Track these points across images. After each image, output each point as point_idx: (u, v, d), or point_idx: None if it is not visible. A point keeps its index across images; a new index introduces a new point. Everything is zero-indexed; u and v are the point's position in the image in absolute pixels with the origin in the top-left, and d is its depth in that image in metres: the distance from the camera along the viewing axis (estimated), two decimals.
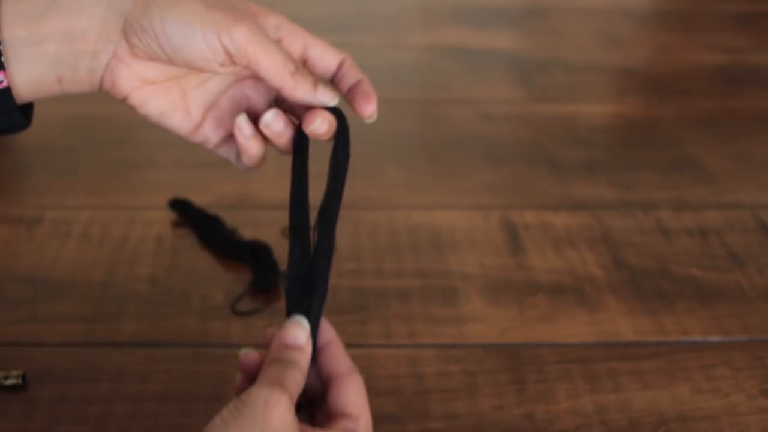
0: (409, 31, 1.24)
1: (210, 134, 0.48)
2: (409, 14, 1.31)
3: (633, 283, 0.69)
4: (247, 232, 0.72)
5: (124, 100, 0.45)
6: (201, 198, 0.76)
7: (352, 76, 0.46)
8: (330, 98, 0.45)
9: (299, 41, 0.46)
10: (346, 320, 0.63)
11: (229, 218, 0.73)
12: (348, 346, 0.60)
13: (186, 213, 0.74)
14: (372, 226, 0.74)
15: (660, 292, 0.68)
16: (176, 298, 0.65)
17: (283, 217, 0.75)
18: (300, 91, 0.43)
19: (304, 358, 0.43)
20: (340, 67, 0.47)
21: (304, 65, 0.47)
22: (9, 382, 0.55)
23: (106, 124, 0.93)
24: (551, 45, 1.21)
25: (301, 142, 0.46)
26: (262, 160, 0.48)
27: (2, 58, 0.41)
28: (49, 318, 0.62)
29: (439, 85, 1.05)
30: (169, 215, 0.75)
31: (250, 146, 0.46)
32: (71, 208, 0.76)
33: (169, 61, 0.43)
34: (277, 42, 0.46)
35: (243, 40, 0.41)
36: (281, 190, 0.80)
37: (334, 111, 0.45)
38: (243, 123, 0.45)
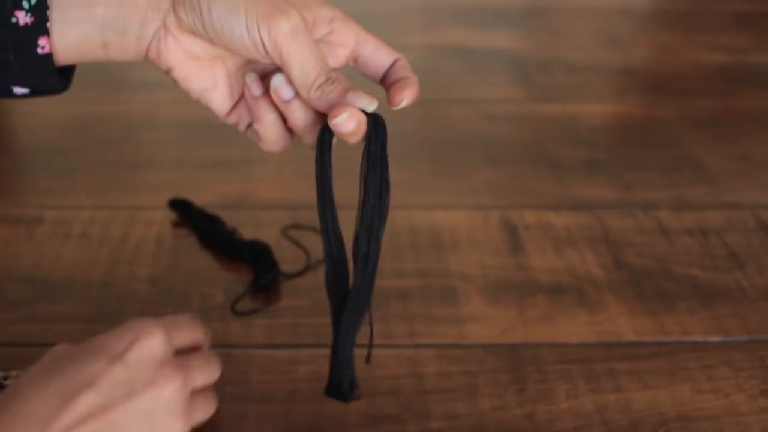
0: (409, 31, 1.24)
1: (244, 115, 0.47)
2: (409, 14, 1.31)
3: (633, 283, 0.68)
4: (247, 232, 0.72)
5: (167, 72, 0.45)
6: (201, 198, 0.76)
7: (400, 75, 0.45)
8: (366, 103, 0.42)
9: (351, 36, 0.45)
10: None
11: (229, 218, 0.73)
12: None
13: (186, 213, 0.74)
14: None
15: (660, 292, 0.68)
16: (176, 298, 0.65)
17: (283, 217, 0.75)
18: (326, 102, 0.41)
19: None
20: (392, 66, 0.45)
21: (355, 62, 0.46)
22: (9, 382, 0.55)
23: (106, 124, 0.93)
24: (551, 45, 1.21)
25: (323, 139, 0.42)
26: (281, 137, 0.45)
27: (47, 24, 0.41)
28: (49, 318, 0.62)
29: (440, 85, 1.05)
30: (169, 215, 0.75)
31: (259, 109, 0.44)
32: (71, 208, 0.76)
33: (212, 42, 0.42)
34: (329, 34, 0.45)
35: (280, 37, 0.40)
36: (281, 190, 0.81)
37: (372, 116, 0.42)
38: (251, 81, 0.44)
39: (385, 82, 0.45)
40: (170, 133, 0.91)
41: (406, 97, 0.44)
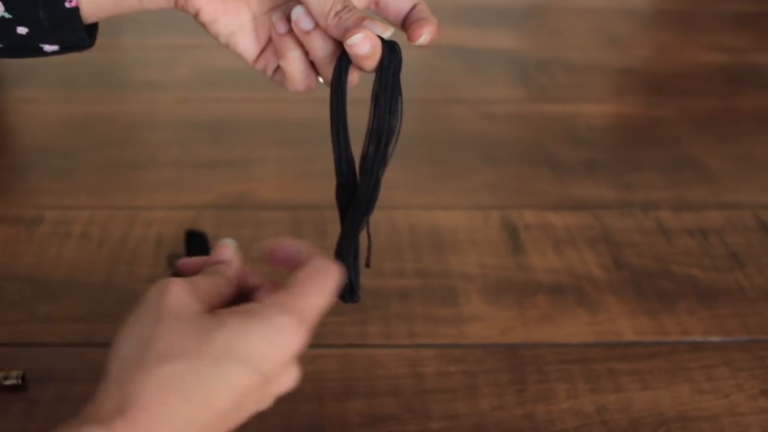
0: None
1: (271, 60, 0.48)
2: None
3: (633, 283, 0.68)
4: (247, 232, 0.72)
5: (196, 17, 0.45)
6: (201, 198, 0.76)
7: (420, 16, 0.46)
8: (381, 29, 0.42)
9: None
10: (346, 320, 0.63)
11: (229, 218, 0.73)
12: (348, 346, 0.61)
13: (192, 247, 0.70)
14: (372, 226, 0.74)
15: (660, 292, 0.68)
16: None
17: (284, 217, 0.75)
18: (343, 28, 0.42)
19: (229, 269, 0.43)
20: (412, 9, 0.46)
21: (375, 7, 0.47)
22: (9, 382, 0.55)
23: (106, 124, 0.93)
24: (551, 45, 1.21)
25: (341, 65, 0.43)
26: (306, 74, 0.46)
27: None
28: (49, 318, 0.62)
29: (440, 85, 1.05)
30: (168, 215, 0.75)
31: (284, 45, 0.45)
32: (71, 208, 0.76)
33: None
34: None
35: None
36: (281, 190, 0.81)
37: (388, 43, 0.42)
38: (277, 19, 0.45)
39: (405, 24, 0.46)
40: (170, 133, 0.91)
41: (425, 33, 0.45)
